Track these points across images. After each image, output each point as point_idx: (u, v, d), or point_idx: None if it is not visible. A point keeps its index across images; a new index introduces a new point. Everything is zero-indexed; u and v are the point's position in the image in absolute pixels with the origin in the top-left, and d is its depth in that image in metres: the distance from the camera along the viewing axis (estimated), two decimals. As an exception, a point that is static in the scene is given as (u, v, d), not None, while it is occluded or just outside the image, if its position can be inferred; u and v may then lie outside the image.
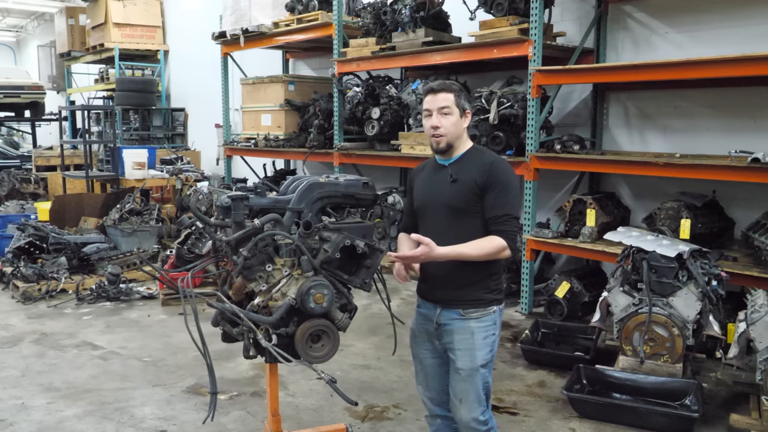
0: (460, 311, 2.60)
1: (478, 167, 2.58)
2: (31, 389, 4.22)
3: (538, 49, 5.55)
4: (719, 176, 4.68)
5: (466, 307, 2.60)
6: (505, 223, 2.52)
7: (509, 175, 2.59)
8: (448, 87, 2.64)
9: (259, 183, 3.28)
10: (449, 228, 2.60)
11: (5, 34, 24.36)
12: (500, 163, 2.61)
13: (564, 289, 5.46)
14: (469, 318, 2.60)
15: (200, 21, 12.24)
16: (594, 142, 6.35)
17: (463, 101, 2.63)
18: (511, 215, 2.54)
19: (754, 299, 3.93)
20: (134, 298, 6.35)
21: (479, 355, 2.59)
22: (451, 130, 2.61)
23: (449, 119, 2.60)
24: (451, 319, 2.62)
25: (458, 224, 2.59)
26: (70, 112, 14.91)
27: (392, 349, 3.36)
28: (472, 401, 2.60)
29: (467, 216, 2.58)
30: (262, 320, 2.59)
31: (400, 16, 6.80)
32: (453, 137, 2.62)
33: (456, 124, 2.61)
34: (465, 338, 2.60)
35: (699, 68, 4.71)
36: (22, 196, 11.23)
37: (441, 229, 2.61)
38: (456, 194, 2.59)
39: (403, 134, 7.01)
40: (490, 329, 2.62)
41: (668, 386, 3.89)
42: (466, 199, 2.57)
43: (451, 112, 2.60)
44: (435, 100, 2.62)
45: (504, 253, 2.53)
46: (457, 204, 2.59)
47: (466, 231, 2.56)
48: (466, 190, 2.57)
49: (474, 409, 2.60)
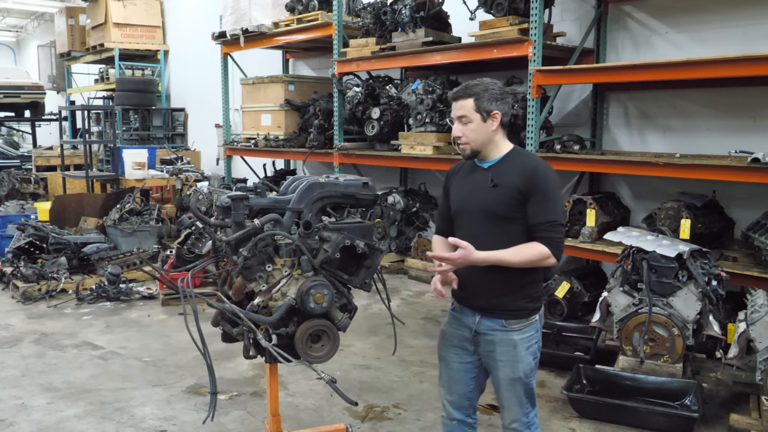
0: (503, 322, 2.51)
1: (519, 172, 2.46)
2: (31, 389, 4.22)
3: (538, 49, 5.55)
4: (719, 176, 4.68)
5: (508, 317, 2.51)
6: (549, 230, 2.42)
7: (552, 179, 2.48)
8: (464, 93, 2.52)
9: (259, 183, 3.28)
10: (488, 234, 2.51)
11: (5, 34, 24.36)
12: (543, 167, 2.49)
13: (564, 289, 5.46)
14: (511, 330, 2.51)
15: (200, 21, 12.24)
16: (594, 142, 6.35)
17: (487, 103, 2.49)
18: (556, 222, 2.44)
19: (754, 299, 3.93)
20: (134, 298, 6.35)
21: (521, 366, 2.53)
22: (473, 138, 2.53)
23: (469, 127, 2.52)
24: (492, 330, 2.54)
25: (498, 230, 2.50)
26: (70, 112, 14.91)
27: (392, 349, 3.37)
28: (515, 406, 2.58)
29: (508, 222, 2.48)
30: (262, 320, 2.59)
31: (400, 16, 6.80)
32: (477, 144, 2.54)
33: (477, 131, 2.51)
34: (507, 350, 2.53)
35: (699, 68, 4.70)
36: (22, 196, 11.23)
37: (479, 234, 2.51)
38: (496, 199, 2.49)
39: (403, 134, 7.01)
40: (533, 338, 2.56)
41: (668, 386, 3.89)
42: (507, 204, 2.46)
43: (470, 119, 2.51)
44: (454, 109, 2.56)
45: (548, 261, 2.43)
46: (497, 210, 2.49)
47: (506, 237, 2.47)
48: (507, 195, 2.46)
49: (516, 413, 2.59)
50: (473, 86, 2.53)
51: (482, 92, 2.50)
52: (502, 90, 2.54)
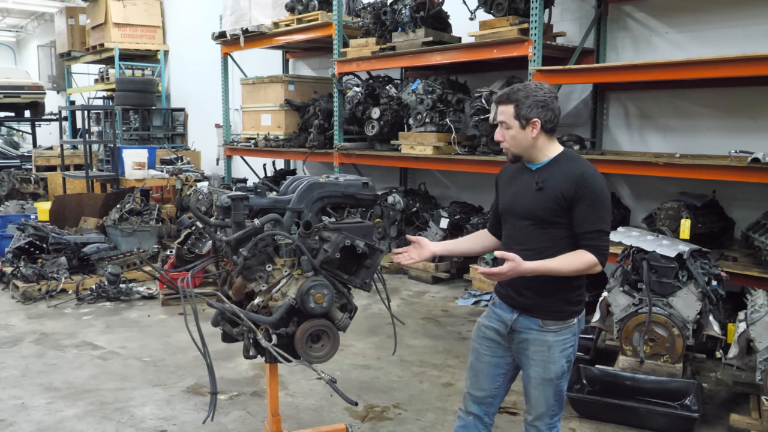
0: (540, 322, 2.50)
1: (566, 177, 2.42)
2: (31, 389, 4.22)
3: (538, 49, 5.55)
4: (719, 176, 4.68)
5: (546, 317, 2.49)
6: (596, 239, 2.39)
7: (600, 187, 2.41)
8: (506, 98, 2.49)
9: (259, 183, 3.28)
10: (530, 237, 2.49)
11: (5, 34, 24.37)
12: (591, 174, 2.41)
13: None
14: (547, 331, 2.49)
15: (200, 21, 12.24)
16: (594, 142, 6.35)
17: (527, 110, 2.44)
18: (603, 230, 2.41)
19: (754, 299, 3.93)
20: (134, 298, 6.35)
21: (553, 368, 2.51)
22: (513, 144, 2.50)
23: (509, 133, 2.49)
24: (528, 329, 2.53)
25: (539, 234, 2.47)
26: (70, 112, 14.91)
27: (392, 349, 3.37)
28: (542, 406, 2.56)
29: (550, 226, 2.45)
30: (262, 320, 2.59)
31: (400, 16, 6.81)
32: (518, 150, 2.51)
33: (516, 137, 2.48)
34: (541, 350, 2.51)
35: (699, 68, 4.71)
36: (22, 196, 11.22)
37: (521, 236, 2.52)
38: (540, 203, 2.45)
39: (403, 134, 7.01)
40: (569, 341, 2.53)
41: (668, 386, 3.88)
42: (550, 209, 2.43)
43: (510, 125, 2.48)
44: (497, 113, 2.55)
45: (595, 269, 2.42)
46: (540, 213, 2.46)
47: (548, 241, 2.46)
48: (551, 200, 2.42)
49: (542, 413, 2.57)
50: (516, 92, 2.48)
51: (523, 99, 2.45)
52: (547, 95, 2.47)
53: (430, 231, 7.04)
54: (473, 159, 6.12)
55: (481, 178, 6.94)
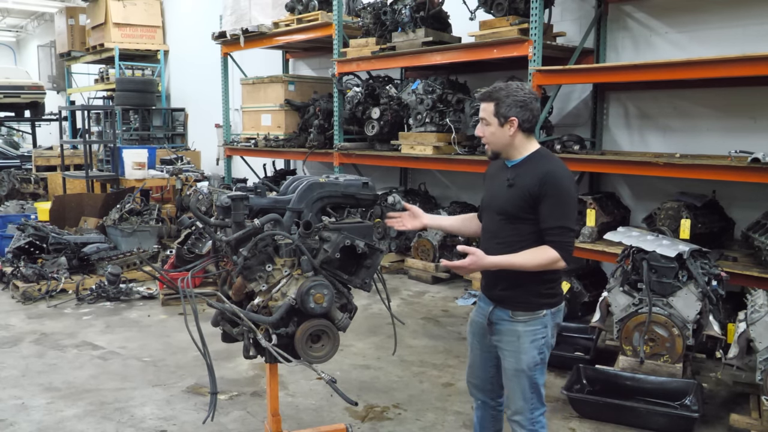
0: (510, 313, 2.61)
1: (533, 175, 2.52)
2: (31, 389, 4.22)
3: (538, 49, 5.55)
4: (719, 176, 4.68)
5: (515, 308, 2.60)
6: (559, 235, 2.48)
7: (564, 185, 2.51)
8: (488, 96, 2.61)
9: (259, 183, 3.28)
10: (500, 231, 2.62)
11: (5, 34, 24.36)
12: (556, 173, 2.52)
13: (564, 289, 5.45)
14: (516, 321, 2.59)
15: (200, 21, 12.24)
16: (594, 142, 6.35)
17: (506, 109, 2.55)
18: (566, 227, 2.49)
19: (754, 299, 3.93)
20: (134, 298, 6.35)
21: (524, 358, 2.58)
22: (492, 140, 2.62)
23: (488, 129, 2.61)
24: (501, 319, 2.64)
25: (508, 228, 2.59)
26: (70, 112, 14.91)
27: (392, 349, 3.37)
28: (518, 399, 2.64)
29: (517, 222, 2.56)
30: (262, 320, 2.60)
31: (400, 16, 6.80)
32: (497, 146, 2.63)
33: (495, 134, 2.60)
34: (511, 341, 2.61)
35: (699, 68, 4.70)
36: (22, 196, 11.22)
37: (493, 230, 2.66)
38: (510, 199, 2.57)
39: (403, 134, 7.01)
40: (539, 333, 2.59)
41: (668, 386, 3.89)
42: (518, 206, 2.55)
43: (489, 122, 2.60)
44: (480, 109, 2.66)
45: (557, 265, 2.50)
46: (509, 209, 2.58)
47: (515, 236, 2.56)
48: (519, 197, 2.54)
49: (519, 406, 2.65)
50: (497, 90, 2.59)
51: (504, 97, 2.56)
52: (527, 96, 2.57)
53: (430, 231, 7.04)
54: (473, 159, 6.11)
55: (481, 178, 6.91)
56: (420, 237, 7.05)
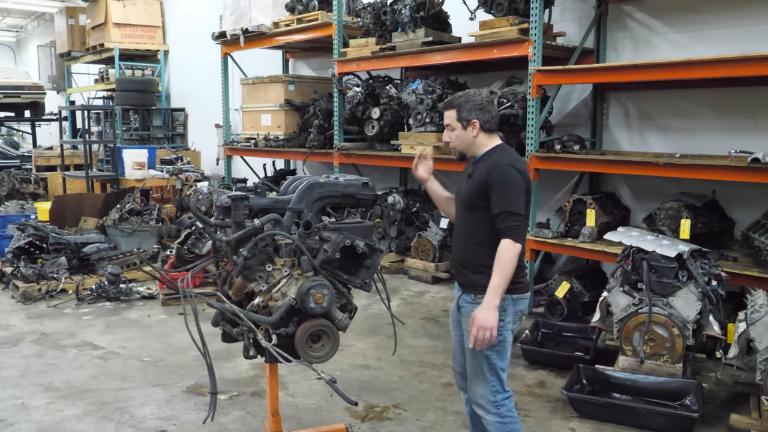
0: (473, 296, 2.78)
1: (485, 166, 2.77)
2: (31, 389, 4.22)
3: (538, 49, 5.55)
4: (719, 176, 4.68)
5: (477, 292, 2.75)
6: (504, 220, 2.67)
7: (509, 173, 2.70)
8: (450, 104, 2.87)
9: (259, 183, 3.29)
10: (463, 222, 2.88)
11: (5, 34, 24.35)
12: (502, 162, 2.75)
13: (564, 289, 5.46)
14: (477, 303, 2.71)
15: (200, 21, 12.24)
16: (594, 142, 6.35)
17: (467, 113, 2.80)
18: (509, 211, 2.66)
19: (754, 299, 3.93)
20: (134, 298, 6.35)
21: None
22: (457, 143, 2.87)
23: (453, 134, 2.86)
24: (466, 302, 2.82)
25: (469, 217, 2.83)
26: (70, 112, 14.90)
27: (392, 349, 3.37)
28: (479, 379, 2.77)
29: (474, 211, 2.79)
30: (262, 320, 2.60)
31: (400, 16, 6.80)
32: (461, 148, 2.87)
33: (460, 137, 2.84)
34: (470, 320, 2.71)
35: (699, 68, 4.70)
36: (22, 196, 11.22)
37: (458, 221, 2.93)
38: (468, 190, 2.82)
39: (403, 134, 7.01)
40: (499, 316, 2.67)
41: (668, 386, 3.89)
42: (473, 195, 2.78)
43: (453, 127, 2.85)
44: (444, 117, 2.90)
45: (515, 249, 2.65)
46: (467, 199, 2.83)
47: (476, 223, 2.79)
48: (474, 187, 2.78)
49: (480, 386, 2.77)
50: (457, 98, 2.87)
51: (463, 103, 2.83)
52: (484, 100, 2.83)
53: (430, 231, 7.04)
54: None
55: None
56: (420, 237, 7.05)
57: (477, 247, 2.77)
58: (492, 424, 2.75)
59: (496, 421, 2.74)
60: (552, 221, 6.01)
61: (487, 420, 2.76)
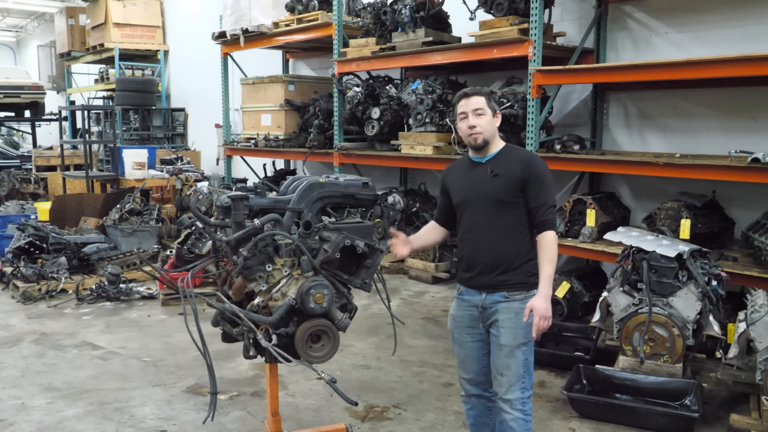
0: (505, 293, 2.79)
1: (516, 162, 2.80)
2: (31, 389, 4.22)
3: (538, 49, 5.55)
4: (719, 176, 4.68)
5: (511, 290, 2.78)
6: (547, 213, 2.75)
7: (546, 168, 2.83)
8: (479, 91, 2.89)
9: (259, 183, 3.28)
10: (492, 220, 2.82)
11: (5, 34, 24.35)
12: (538, 157, 2.89)
13: (564, 289, 5.46)
14: (513, 300, 2.77)
15: (200, 21, 12.24)
16: (594, 142, 6.35)
17: (493, 103, 2.88)
18: (551, 204, 2.78)
19: (754, 299, 3.93)
20: (134, 298, 6.35)
21: (521, 333, 2.75)
22: (487, 128, 2.85)
23: (484, 119, 2.84)
24: (496, 302, 2.80)
25: (501, 214, 2.80)
26: (70, 112, 14.90)
27: (392, 349, 3.37)
28: (513, 376, 2.76)
29: (510, 207, 2.79)
30: (262, 320, 2.60)
31: (400, 16, 6.80)
32: (489, 135, 2.86)
33: (490, 123, 2.86)
34: (509, 317, 2.76)
35: (699, 68, 4.70)
36: (22, 196, 11.22)
37: (483, 222, 2.84)
38: (498, 187, 2.79)
39: (403, 134, 7.00)
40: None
41: (668, 386, 3.89)
42: (508, 191, 2.78)
43: (484, 112, 2.84)
44: (469, 103, 2.86)
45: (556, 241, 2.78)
46: (500, 196, 2.79)
47: (509, 220, 2.79)
48: (508, 183, 2.77)
49: (513, 384, 2.76)
50: (481, 89, 2.93)
51: (489, 94, 2.91)
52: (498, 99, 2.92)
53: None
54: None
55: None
56: (420, 237, 7.05)
57: (513, 245, 2.79)
58: (516, 420, 2.76)
59: (520, 418, 2.76)
60: (552, 221, 6.00)
61: (511, 416, 2.76)
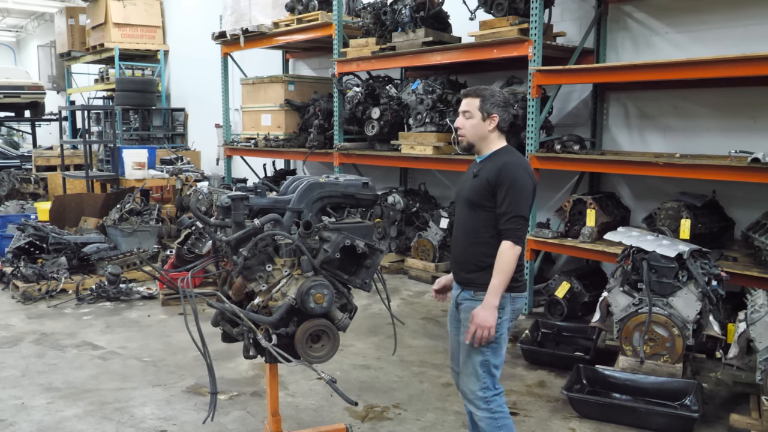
0: (472, 292, 2.81)
1: (493, 166, 2.78)
2: (31, 389, 4.22)
3: (538, 49, 5.55)
4: (719, 176, 4.68)
5: (477, 289, 2.79)
6: (508, 222, 2.70)
7: (519, 175, 2.73)
8: (474, 93, 2.87)
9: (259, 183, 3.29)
10: (465, 220, 2.87)
11: (5, 34, 24.36)
12: (514, 164, 2.76)
13: (564, 289, 5.46)
14: (477, 299, 2.77)
15: (200, 21, 12.24)
16: (594, 142, 6.35)
17: (490, 106, 2.82)
18: (515, 214, 2.70)
19: (754, 299, 3.93)
20: (134, 298, 6.35)
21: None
22: (470, 132, 2.85)
23: (470, 122, 2.85)
24: (464, 299, 2.86)
25: (472, 215, 2.83)
26: (70, 112, 14.91)
27: (392, 349, 3.37)
28: (470, 374, 2.80)
29: (478, 209, 2.80)
30: (262, 320, 2.60)
31: (400, 16, 6.80)
32: (473, 138, 2.86)
33: (476, 127, 2.84)
34: (469, 317, 2.75)
35: (699, 68, 4.70)
36: (22, 196, 11.23)
37: (460, 219, 2.92)
38: (473, 188, 2.82)
39: (403, 134, 7.01)
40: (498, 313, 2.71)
41: (668, 386, 3.89)
42: (479, 193, 2.79)
43: (472, 116, 2.85)
44: (462, 104, 2.90)
45: (515, 251, 2.70)
46: (471, 197, 2.82)
47: (478, 221, 2.80)
48: (480, 186, 2.78)
49: (472, 382, 2.80)
50: (483, 89, 2.88)
51: (489, 96, 2.85)
52: (506, 100, 2.87)
53: (430, 231, 7.04)
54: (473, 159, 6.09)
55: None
56: (420, 237, 7.05)
57: (478, 246, 2.80)
58: (482, 419, 2.79)
59: (486, 417, 2.78)
60: (552, 221, 6.01)
61: (477, 416, 2.80)
